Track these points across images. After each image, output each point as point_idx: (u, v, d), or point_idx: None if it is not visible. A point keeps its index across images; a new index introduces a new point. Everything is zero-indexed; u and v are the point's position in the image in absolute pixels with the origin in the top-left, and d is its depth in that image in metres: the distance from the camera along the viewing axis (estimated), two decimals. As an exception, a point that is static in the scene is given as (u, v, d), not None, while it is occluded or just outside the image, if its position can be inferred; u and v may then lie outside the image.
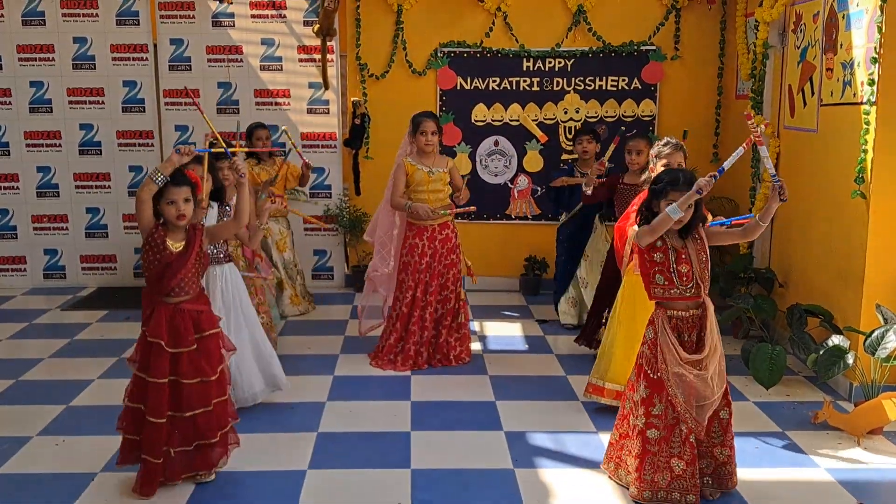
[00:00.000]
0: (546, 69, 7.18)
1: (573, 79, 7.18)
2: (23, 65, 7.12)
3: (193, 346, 3.48)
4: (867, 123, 4.54)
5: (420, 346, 5.24)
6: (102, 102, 7.20)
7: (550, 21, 7.12)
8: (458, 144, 7.27)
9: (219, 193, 4.24)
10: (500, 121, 7.27)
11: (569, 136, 7.14)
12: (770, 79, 6.01)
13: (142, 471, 3.51)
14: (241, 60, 7.15)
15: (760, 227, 3.42)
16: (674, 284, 3.39)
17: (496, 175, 7.35)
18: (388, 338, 5.30)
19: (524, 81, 7.20)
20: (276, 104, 7.19)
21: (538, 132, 6.00)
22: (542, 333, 6.07)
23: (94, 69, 7.14)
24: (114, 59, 7.13)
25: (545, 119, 7.23)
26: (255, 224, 4.24)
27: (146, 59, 7.14)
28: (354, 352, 5.58)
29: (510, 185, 7.36)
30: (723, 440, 3.51)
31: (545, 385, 4.97)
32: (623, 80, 7.16)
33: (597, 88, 7.18)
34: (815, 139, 5.25)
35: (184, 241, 3.48)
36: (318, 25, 6.80)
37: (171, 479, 3.58)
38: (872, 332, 4.32)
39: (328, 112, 7.23)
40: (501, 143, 7.31)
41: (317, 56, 7.10)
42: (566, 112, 7.21)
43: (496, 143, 7.32)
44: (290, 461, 3.90)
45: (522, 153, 7.31)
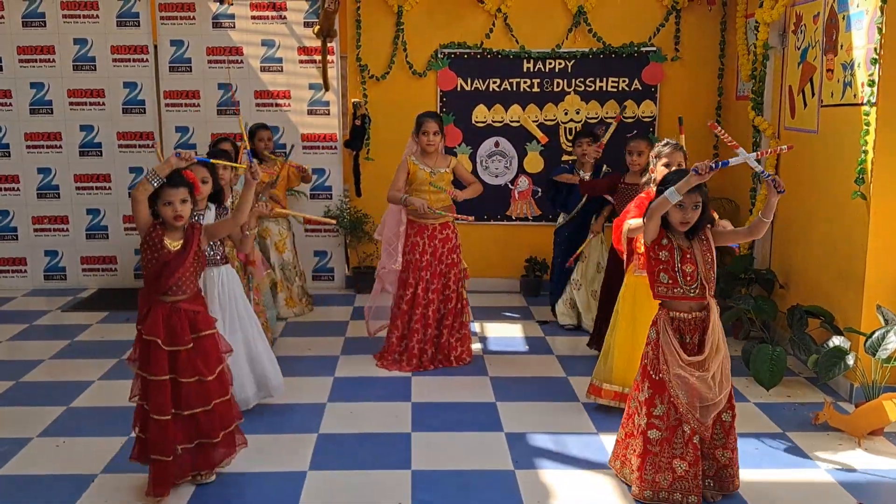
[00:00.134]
0: (546, 70, 7.18)
1: (573, 80, 7.18)
2: (23, 66, 7.12)
3: (190, 346, 3.47)
4: (867, 124, 4.54)
5: (424, 345, 5.24)
6: (103, 104, 7.20)
7: (551, 22, 7.12)
8: (459, 146, 7.27)
9: (217, 196, 4.24)
10: (501, 122, 7.27)
11: (569, 138, 7.14)
12: (770, 80, 6.01)
13: (152, 472, 3.48)
14: (242, 62, 7.15)
15: (765, 224, 3.43)
16: (677, 284, 3.40)
17: (497, 176, 7.35)
18: (391, 336, 5.32)
19: (524, 82, 7.20)
20: (277, 105, 7.19)
21: (538, 133, 6.00)
22: (543, 334, 6.07)
23: (95, 70, 7.15)
24: (114, 61, 7.14)
25: (545, 120, 7.23)
26: (246, 228, 4.02)
27: (146, 61, 7.15)
28: (355, 353, 5.58)
29: (511, 187, 7.36)
30: (725, 442, 3.50)
31: (546, 386, 4.97)
32: (623, 81, 7.16)
33: (597, 89, 7.19)
34: (816, 140, 5.25)
35: (182, 240, 3.47)
36: (319, 27, 6.81)
37: (179, 479, 3.57)
38: (873, 333, 4.32)
39: (328, 113, 7.23)
40: (502, 145, 7.31)
41: (317, 57, 7.10)
42: (566, 113, 7.21)
43: (496, 145, 7.32)
44: (291, 462, 3.89)
45: (523, 154, 7.31)
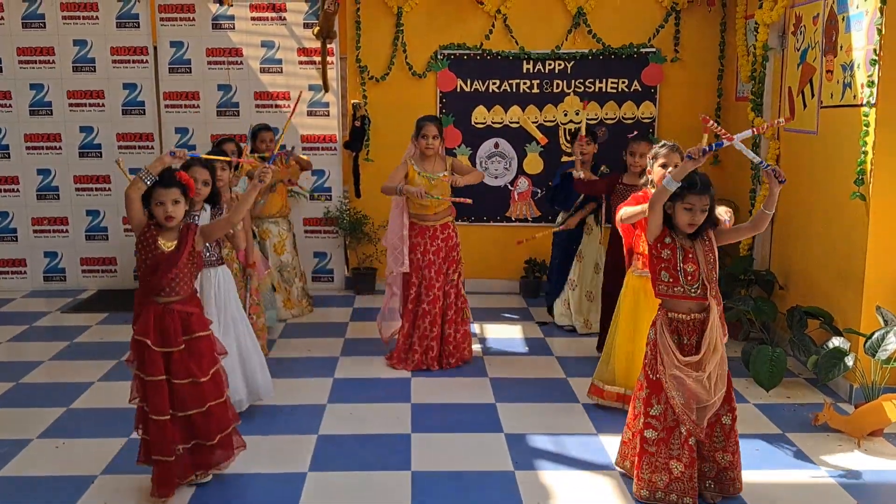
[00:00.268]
0: (546, 71, 7.18)
1: (573, 81, 7.18)
2: (23, 67, 7.12)
3: (181, 347, 3.45)
4: (867, 125, 4.55)
5: (430, 341, 5.27)
6: (102, 105, 7.20)
7: (550, 23, 7.12)
8: (458, 147, 7.27)
9: (213, 197, 4.23)
10: (500, 123, 7.28)
11: (568, 138, 7.14)
12: (770, 81, 6.01)
13: (155, 472, 3.48)
14: (241, 63, 7.15)
15: (767, 216, 3.44)
16: (678, 283, 3.40)
17: (496, 177, 7.35)
18: (399, 335, 5.37)
19: (524, 83, 7.21)
20: (276, 106, 7.19)
21: (538, 134, 6.01)
22: (543, 335, 6.07)
23: (95, 72, 7.15)
24: (114, 62, 7.14)
25: (545, 121, 7.23)
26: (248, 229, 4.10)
27: (146, 62, 7.15)
28: (355, 354, 5.58)
29: (510, 188, 7.36)
30: (725, 445, 3.50)
31: (545, 387, 4.97)
32: (623, 83, 7.17)
33: (597, 90, 7.19)
34: (815, 141, 5.25)
35: (176, 241, 3.45)
36: (318, 28, 6.81)
37: (182, 479, 3.57)
38: (873, 334, 4.32)
39: (328, 114, 7.23)
40: (501, 146, 7.32)
41: (317, 58, 7.10)
42: (566, 114, 7.22)
43: (496, 146, 7.32)
44: (291, 463, 3.89)
45: (522, 155, 7.31)
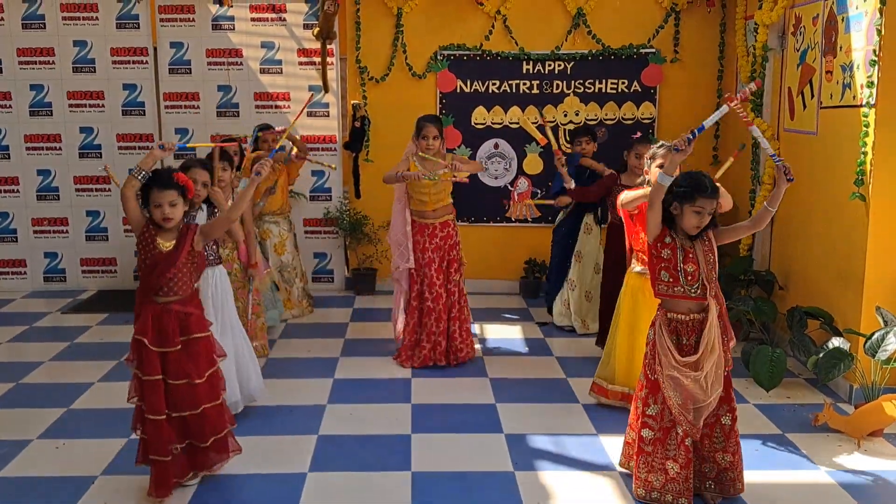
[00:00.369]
0: (546, 72, 7.18)
1: (573, 81, 7.19)
2: (23, 68, 7.12)
3: (177, 347, 3.45)
4: (866, 126, 4.55)
5: (438, 336, 5.30)
6: (102, 106, 7.20)
7: (550, 24, 7.13)
8: (458, 147, 7.27)
9: (207, 199, 4.23)
10: (500, 124, 7.28)
11: (567, 139, 7.14)
12: (770, 81, 6.01)
13: (153, 472, 3.49)
14: (241, 63, 7.15)
15: (770, 213, 3.44)
16: (678, 283, 3.40)
17: (496, 178, 7.35)
18: (404, 333, 5.40)
19: (524, 84, 7.21)
20: (276, 107, 7.18)
21: (538, 135, 6.00)
22: (542, 336, 6.07)
23: (94, 72, 7.15)
24: (114, 63, 7.14)
25: (545, 122, 7.21)
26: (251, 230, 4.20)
27: (146, 63, 7.15)
28: (355, 355, 5.58)
29: (510, 188, 7.36)
30: (725, 445, 3.50)
31: (545, 387, 4.97)
32: (623, 83, 7.17)
33: (596, 91, 7.19)
34: (815, 142, 5.26)
35: (174, 241, 3.45)
36: (318, 28, 6.81)
37: (181, 479, 3.57)
38: (873, 335, 4.33)
39: (328, 115, 7.23)
40: (501, 146, 7.32)
41: (317, 59, 7.10)
42: (566, 115, 7.22)
43: (496, 146, 7.32)
44: (291, 464, 3.89)
45: (522, 156, 7.31)
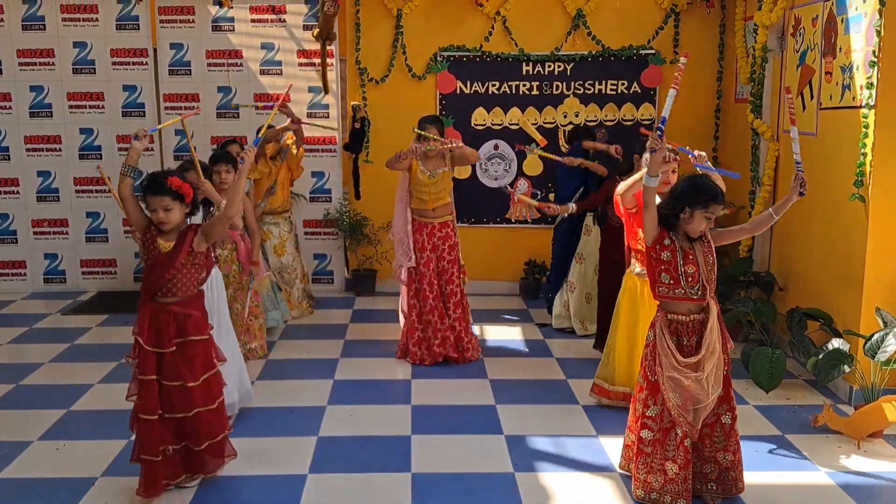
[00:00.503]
0: (545, 73, 7.19)
1: (573, 83, 7.19)
2: (23, 69, 7.13)
3: (172, 349, 3.45)
4: (866, 127, 4.55)
5: (445, 332, 5.35)
6: (102, 107, 7.20)
7: (550, 25, 7.13)
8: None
9: (206, 199, 4.23)
10: (500, 125, 7.28)
11: (566, 140, 7.13)
12: (769, 82, 6.01)
13: (142, 472, 3.50)
14: (241, 65, 7.16)
15: (772, 220, 3.47)
16: (679, 284, 3.40)
17: (496, 179, 7.36)
18: (407, 332, 5.42)
19: (524, 85, 7.21)
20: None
21: (538, 136, 6.02)
22: (542, 337, 6.07)
23: (94, 73, 7.15)
24: (114, 64, 7.14)
25: (545, 123, 7.23)
26: (255, 229, 4.28)
27: (146, 64, 7.15)
28: (355, 356, 5.58)
29: (510, 189, 7.34)
30: (726, 445, 3.50)
31: (545, 388, 4.98)
32: (622, 84, 7.17)
33: (596, 92, 7.19)
34: (815, 143, 5.26)
35: (174, 242, 3.47)
36: (318, 30, 6.81)
37: (173, 480, 3.57)
38: (872, 336, 4.33)
39: (328, 116, 7.23)
40: (501, 147, 7.32)
41: (316, 60, 7.10)
42: (566, 116, 7.22)
43: (496, 147, 7.32)
44: (291, 465, 3.90)
45: (522, 157, 7.32)
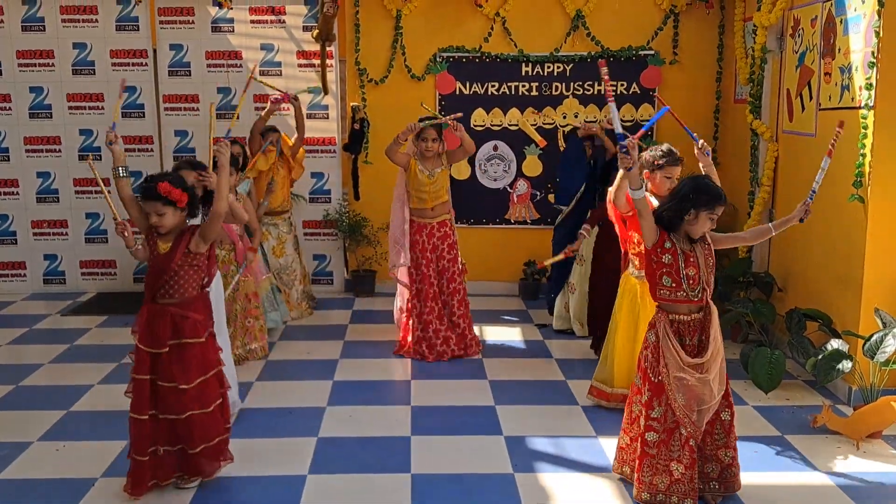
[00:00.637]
0: (545, 74, 7.19)
1: (572, 83, 7.20)
2: (22, 70, 7.13)
3: (166, 350, 3.44)
4: (865, 128, 4.56)
5: (446, 331, 5.37)
6: (102, 108, 7.20)
7: (549, 26, 7.13)
8: (458, 149, 7.26)
9: (205, 198, 4.22)
10: (500, 125, 7.28)
11: (565, 141, 7.14)
12: (768, 83, 6.02)
13: (130, 469, 3.52)
14: (241, 66, 7.16)
15: (771, 233, 3.54)
16: (681, 287, 3.41)
17: (495, 180, 7.36)
18: (409, 331, 5.44)
19: (523, 86, 7.22)
20: (277, 109, 7.17)
21: (537, 137, 6.02)
22: (542, 338, 6.07)
23: (94, 75, 7.15)
24: (113, 65, 7.14)
25: (544, 124, 7.24)
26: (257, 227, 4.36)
27: (146, 65, 7.15)
28: (354, 357, 5.58)
29: (509, 190, 7.37)
30: (726, 442, 3.52)
31: (545, 389, 4.98)
32: (622, 85, 7.17)
33: (595, 93, 7.20)
34: (814, 143, 5.26)
35: (170, 244, 3.51)
36: (318, 31, 6.81)
37: (163, 480, 3.58)
38: (871, 336, 4.33)
39: (327, 117, 7.24)
40: (500, 148, 7.32)
41: (316, 61, 7.10)
42: (565, 117, 7.22)
43: (495, 148, 7.32)
44: (291, 466, 3.90)
45: (521, 158, 7.32)
